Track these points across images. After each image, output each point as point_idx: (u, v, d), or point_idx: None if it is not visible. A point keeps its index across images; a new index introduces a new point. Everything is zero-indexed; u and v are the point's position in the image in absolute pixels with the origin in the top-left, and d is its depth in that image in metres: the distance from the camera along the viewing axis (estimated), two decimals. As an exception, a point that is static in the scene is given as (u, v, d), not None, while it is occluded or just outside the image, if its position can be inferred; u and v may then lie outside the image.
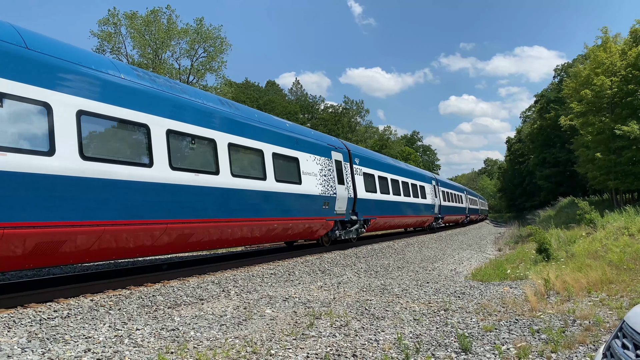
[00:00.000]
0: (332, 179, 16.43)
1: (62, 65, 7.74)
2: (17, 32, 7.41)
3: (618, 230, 18.00)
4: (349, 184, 18.00)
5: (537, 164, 63.66)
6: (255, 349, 5.62)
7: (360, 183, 19.32)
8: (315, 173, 15.32)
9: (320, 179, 15.52)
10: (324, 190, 15.57)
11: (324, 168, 16.07)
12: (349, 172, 18.30)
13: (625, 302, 8.14)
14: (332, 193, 16.26)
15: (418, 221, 29.44)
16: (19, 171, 6.76)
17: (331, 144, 17.58)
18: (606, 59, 28.40)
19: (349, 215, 17.95)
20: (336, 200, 16.49)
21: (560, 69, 63.71)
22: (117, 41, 38.62)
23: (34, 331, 5.98)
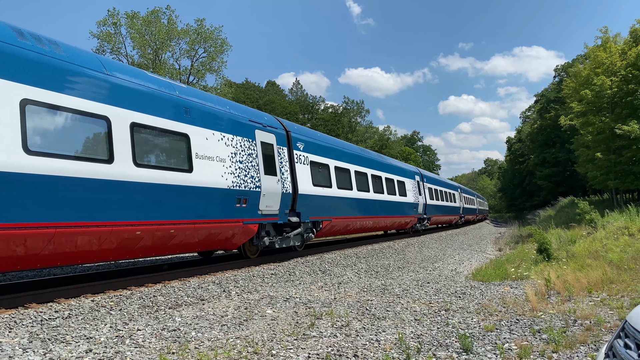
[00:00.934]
0: (254, 167, 12.25)
1: None
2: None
3: (618, 230, 18.01)
4: (285, 174, 13.79)
5: (537, 164, 63.67)
6: (256, 349, 5.62)
7: (305, 174, 15.01)
8: (223, 158, 11.08)
9: (232, 166, 11.35)
10: (237, 182, 11.45)
11: (240, 152, 11.83)
12: (285, 159, 14.01)
13: (626, 301, 8.15)
14: (254, 186, 12.11)
15: (396, 223, 25.14)
16: None
17: (255, 120, 12.97)
18: (606, 59, 28.40)
19: (285, 217, 13.75)
20: (260, 196, 12.34)
21: (560, 68, 63.69)
22: (117, 41, 38.63)
23: (35, 332, 5.98)
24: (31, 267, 7.71)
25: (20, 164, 6.97)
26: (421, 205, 28.52)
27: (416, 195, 27.54)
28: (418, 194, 28.06)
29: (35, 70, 7.42)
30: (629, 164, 27.30)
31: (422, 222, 29.47)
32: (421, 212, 28.65)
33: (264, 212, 12.66)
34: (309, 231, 15.39)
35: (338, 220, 17.22)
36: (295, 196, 14.27)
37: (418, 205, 27.73)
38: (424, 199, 29.26)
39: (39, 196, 7.20)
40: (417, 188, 28.11)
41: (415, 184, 27.91)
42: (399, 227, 26.89)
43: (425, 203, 29.64)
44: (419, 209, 28.15)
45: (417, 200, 27.43)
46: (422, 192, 29.33)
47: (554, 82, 63.47)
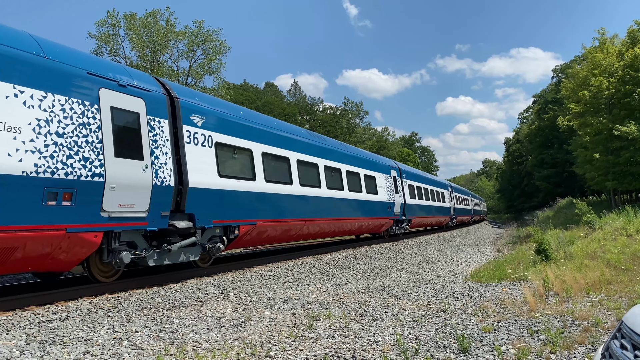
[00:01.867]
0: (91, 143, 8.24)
1: None
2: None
3: (616, 230, 18.03)
4: (163, 159, 9.67)
5: (535, 165, 63.76)
6: (254, 351, 5.62)
7: (205, 160, 10.93)
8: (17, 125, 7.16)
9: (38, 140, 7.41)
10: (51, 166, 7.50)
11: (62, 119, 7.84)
12: (165, 136, 9.86)
13: (624, 302, 8.16)
14: (90, 174, 8.14)
15: (363, 226, 21.00)
16: None
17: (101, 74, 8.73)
18: (604, 60, 28.47)
19: (163, 221, 9.63)
20: (105, 188, 8.35)
21: (558, 69, 63.84)
22: (115, 43, 38.64)
23: (32, 334, 5.97)
24: None
25: None
26: (398, 204, 24.60)
27: (391, 192, 23.81)
28: (394, 191, 24.28)
29: None
30: (626, 164, 27.35)
31: (399, 225, 25.66)
32: (398, 213, 24.70)
33: (116, 215, 8.63)
34: (216, 240, 11.50)
35: (268, 223, 13.29)
36: (183, 191, 10.20)
37: (394, 205, 23.96)
38: (401, 198, 25.30)
39: None
40: (392, 184, 24.23)
41: (390, 180, 24.05)
42: (369, 231, 23.35)
43: (404, 202, 25.72)
44: (395, 209, 24.21)
45: (392, 199, 23.70)
46: (400, 190, 25.41)
47: (552, 83, 63.61)
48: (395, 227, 25.24)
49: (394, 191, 24.32)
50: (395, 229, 25.30)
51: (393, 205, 23.91)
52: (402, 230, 26.20)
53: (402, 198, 25.78)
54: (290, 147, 14.86)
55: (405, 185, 26.87)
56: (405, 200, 26.08)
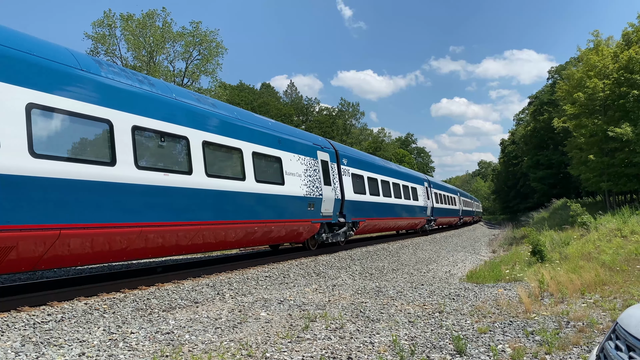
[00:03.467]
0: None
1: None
2: None
3: (611, 232, 18.11)
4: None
5: (530, 166, 63.93)
6: (250, 352, 5.61)
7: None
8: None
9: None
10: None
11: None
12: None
13: (619, 303, 8.19)
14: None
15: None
16: None
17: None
18: (599, 62, 28.61)
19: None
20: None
21: (553, 71, 64.11)
22: (111, 43, 38.54)
23: (27, 335, 5.95)
24: None
25: None
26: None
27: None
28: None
29: None
30: (621, 166, 27.48)
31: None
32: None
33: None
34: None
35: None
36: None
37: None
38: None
39: None
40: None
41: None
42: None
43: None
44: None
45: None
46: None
47: (548, 85, 63.85)
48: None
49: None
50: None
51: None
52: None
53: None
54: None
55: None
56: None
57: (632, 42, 28.71)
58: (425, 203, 30.16)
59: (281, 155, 14.09)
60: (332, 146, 18.36)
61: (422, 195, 29.86)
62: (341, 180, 18.03)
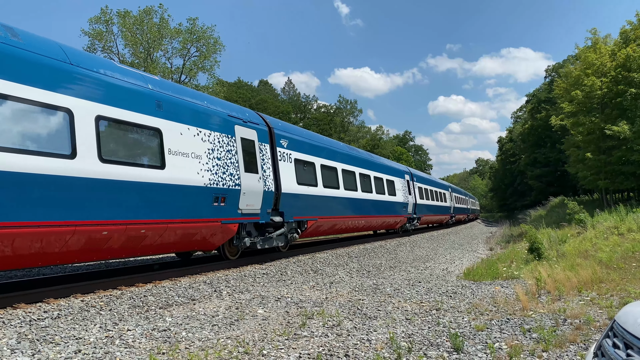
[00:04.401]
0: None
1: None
2: None
3: (608, 229, 18.15)
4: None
5: (528, 164, 64.05)
6: (247, 349, 5.60)
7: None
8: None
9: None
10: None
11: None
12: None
13: (615, 301, 8.21)
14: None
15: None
16: None
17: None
18: (596, 60, 28.62)
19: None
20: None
21: (551, 69, 64.18)
22: (108, 40, 38.40)
23: (23, 332, 5.92)
24: None
25: None
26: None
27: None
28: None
29: None
30: (618, 164, 27.54)
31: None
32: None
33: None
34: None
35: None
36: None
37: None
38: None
39: None
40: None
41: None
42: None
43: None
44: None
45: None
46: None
47: (545, 83, 63.92)
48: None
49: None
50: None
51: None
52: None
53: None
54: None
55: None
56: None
57: (630, 40, 28.74)
58: (406, 199, 26.08)
59: (161, 126, 9.78)
60: (263, 121, 13.99)
61: (402, 190, 25.88)
62: (276, 166, 13.85)
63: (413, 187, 28.40)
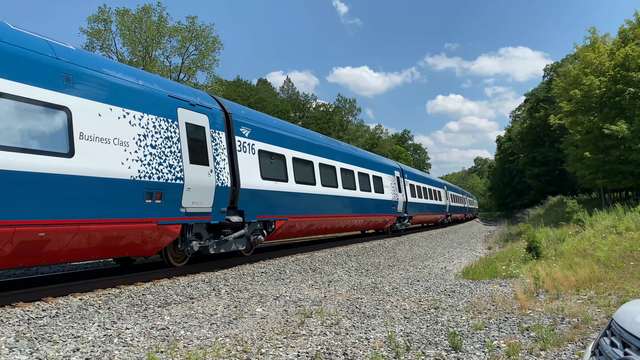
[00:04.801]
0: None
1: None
2: None
3: (606, 228, 18.18)
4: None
5: (526, 163, 64.11)
6: (245, 348, 5.60)
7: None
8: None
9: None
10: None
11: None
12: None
13: (613, 300, 8.23)
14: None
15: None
16: None
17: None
18: (595, 59, 28.64)
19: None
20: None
21: (549, 68, 64.23)
22: (106, 38, 38.33)
23: (22, 330, 5.92)
24: None
25: None
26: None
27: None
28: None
29: None
30: (617, 163, 27.56)
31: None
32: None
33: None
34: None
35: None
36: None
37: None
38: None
39: None
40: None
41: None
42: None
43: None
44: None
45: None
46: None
47: (544, 82, 63.93)
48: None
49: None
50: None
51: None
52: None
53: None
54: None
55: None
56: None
57: (628, 39, 28.76)
58: (395, 196, 24.34)
59: (70, 104, 8.05)
60: (219, 105, 12.15)
61: (391, 187, 24.17)
62: (235, 158, 12.17)
63: (404, 184, 26.79)
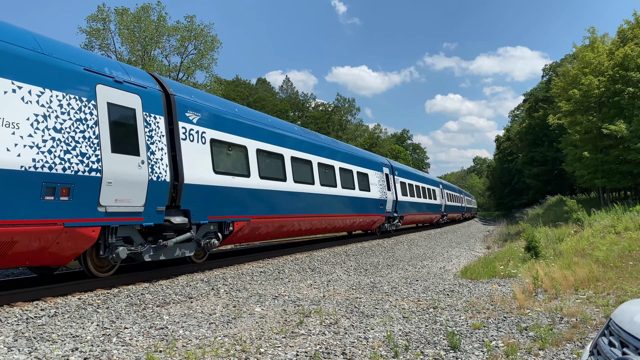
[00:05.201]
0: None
1: None
2: None
3: (605, 228, 18.20)
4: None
5: (525, 163, 64.19)
6: (244, 348, 5.60)
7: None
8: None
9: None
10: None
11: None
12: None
13: (612, 299, 8.24)
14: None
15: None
16: None
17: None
18: (594, 59, 28.68)
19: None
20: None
21: (548, 68, 64.31)
22: (105, 37, 38.30)
23: (20, 330, 5.92)
24: None
25: None
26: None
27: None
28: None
29: None
30: (615, 163, 27.62)
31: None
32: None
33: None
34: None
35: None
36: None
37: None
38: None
39: None
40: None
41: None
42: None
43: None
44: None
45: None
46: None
47: (543, 82, 64.01)
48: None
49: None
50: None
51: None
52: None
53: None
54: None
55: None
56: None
57: (627, 39, 28.80)
58: (384, 195, 22.65)
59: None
60: (157, 84, 10.20)
61: (379, 185, 22.38)
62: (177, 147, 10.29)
63: (394, 182, 24.94)
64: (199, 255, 11.79)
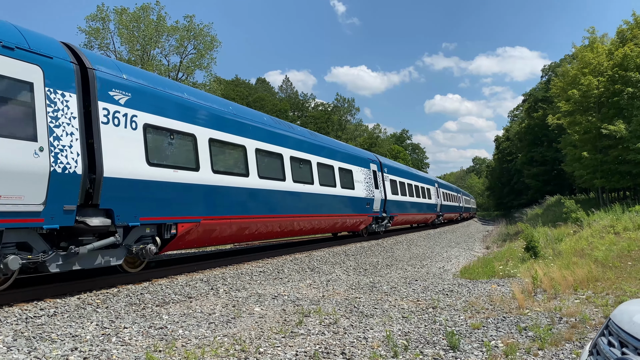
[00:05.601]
0: None
1: None
2: None
3: (604, 228, 18.21)
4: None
5: (524, 163, 64.20)
6: (244, 347, 5.60)
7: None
8: None
9: None
10: None
11: None
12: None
13: (611, 299, 8.24)
14: None
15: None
16: None
17: None
18: (593, 59, 28.70)
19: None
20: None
21: (547, 68, 64.33)
22: (105, 37, 38.26)
23: (19, 330, 5.91)
24: None
25: None
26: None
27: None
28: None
29: None
30: (614, 163, 27.64)
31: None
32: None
33: None
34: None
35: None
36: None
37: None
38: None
39: None
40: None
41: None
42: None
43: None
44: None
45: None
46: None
47: (542, 82, 64.03)
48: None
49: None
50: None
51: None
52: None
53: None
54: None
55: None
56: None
57: (626, 39, 28.82)
58: (370, 193, 21.03)
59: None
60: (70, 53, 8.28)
61: (365, 182, 20.73)
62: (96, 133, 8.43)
63: (382, 180, 23.29)
64: (135, 264, 10.02)
